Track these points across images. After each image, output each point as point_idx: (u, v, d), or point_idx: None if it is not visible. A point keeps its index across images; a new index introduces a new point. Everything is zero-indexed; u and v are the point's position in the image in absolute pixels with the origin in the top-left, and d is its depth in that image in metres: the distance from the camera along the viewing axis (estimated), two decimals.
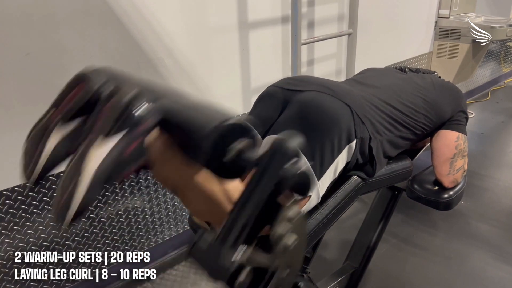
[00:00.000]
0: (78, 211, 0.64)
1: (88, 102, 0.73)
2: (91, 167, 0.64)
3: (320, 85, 1.16)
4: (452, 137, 1.35)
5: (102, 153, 0.65)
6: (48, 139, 0.75)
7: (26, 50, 1.44)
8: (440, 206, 1.37)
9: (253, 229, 0.65)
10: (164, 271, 2.03)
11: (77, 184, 0.64)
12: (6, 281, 1.59)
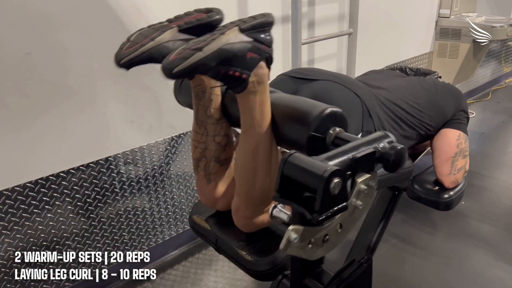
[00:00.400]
0: (194, 65, 0.70)
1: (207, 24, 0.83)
2: (226, 39, 0.73)
3: (332, 75, 1.16)
4: (453, 136, 1.36)
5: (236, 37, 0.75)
6: (162, 34, 0.82)
7: (26, 49, 1.44)
8: (440, 206, 1.37)
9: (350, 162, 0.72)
10: (164, 271, 2.03)
11: (210, 43, 0.71)
12: (6, 281, 1.59)
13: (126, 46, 0.81)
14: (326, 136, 0.81)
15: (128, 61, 0.80)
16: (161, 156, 1.92)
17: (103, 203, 1.79)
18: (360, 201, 0.74)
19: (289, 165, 0.68)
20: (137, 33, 0.83)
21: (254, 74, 0.80)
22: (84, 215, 1.74)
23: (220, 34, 0.73)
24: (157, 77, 1.87)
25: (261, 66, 0.80)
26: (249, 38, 0.76)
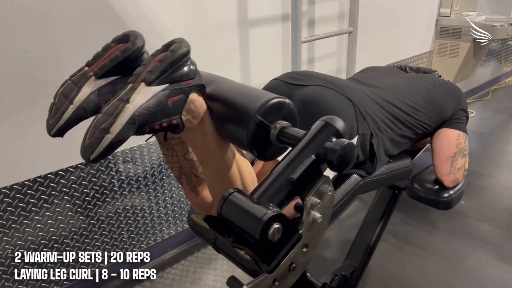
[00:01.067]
0: (108, 147, 0.65)
1: (125, 60, 0.77)
2: (133, 106, 0.66)
3: (323, 79, 1.15)
4: (453, 136, 1.35)
5: (146, 95, 0.67)
6: (79, 91, 0.77)
7: (24, 47, 1.43)
8: (440, 206, 1.36)
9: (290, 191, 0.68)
10: (163, 269, 2.02)
11: (115, 119, 0.66)
12: (5, 279, 1.58)
13: (52, 115, 0.77)
14: (270, 131, 0.74)
15: (57, 132, 0.76)
16: (160, 154, 1.92)
17: (102, 201, 1.78)
18: (318, 213, 0.68)
19: (226, 208, 0.65)
20: (59, 93, 0.79)
21: (186, 112, 0.74)
22: (83, 213, 1.74)
23: (125, 103, 0.66)
24: None
25: (191, 101, 0.74)
26: (162, 86, 0.69)
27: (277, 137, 0.73)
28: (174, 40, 0.73)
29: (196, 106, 0.76)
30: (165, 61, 0.69)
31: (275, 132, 0.73)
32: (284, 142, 0.73)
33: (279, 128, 0.73)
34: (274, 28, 2.19)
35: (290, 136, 0.72)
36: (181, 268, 2.03)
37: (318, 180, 0.68)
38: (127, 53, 0.77)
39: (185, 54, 0.71)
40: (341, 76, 2.64)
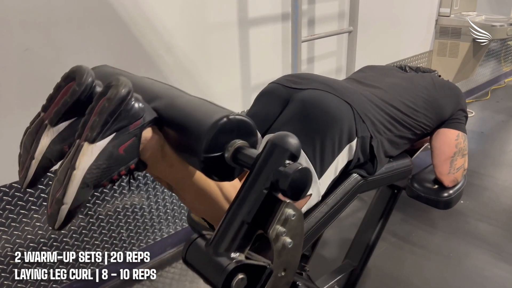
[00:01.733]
0: (68, 216, 0.63)
1: (77, 102, 0.71)
2: (81, 171, 0.63)
3: (322, 83, 1.15)
4: (452, 136, 1.35)
5: (92, 155, 0.64)
6: (38, 143, 0.73)
7: (25, 45, 1.43)
8: (440, 205, 1.36)
9: (248, 231, 0.64)
10: (162, 268, 2.02)
11: (66, 189, 0.63)
12: (4, 277, 1.58)
13: (19, 169, 0.76)
14: (224, 153, 0.67)
15: (28, 186, 0.75)
16: None
17: (101, 200, 1.78)
18: (288, 238, 0.64)
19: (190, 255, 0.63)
20: (22, 145, 0.77)
21: (143, 152, 0.70)
22: (82, 212, 1.74)
23: (72, 170, 0.63)
24: (157, 74, 1.87)
25: (145, 140, 0.69)
26: (108, 138, 0.64)
27: (232, 160, 0.67)
28: (110, 82, 0.67)
29: (151, 143, 0.71)
30: (103, 113, 0.64)
31: (229, 156, 0.67)
32: (240, 165, 0.67)
33: (232, 151, 0.67)
34: (274, 27, 2.19)
35: (245, 158, 0.66)
36: (180, 267, 2.02)
37: (278, 209, 0.63)
38: (75, 96, 0.71)
39: (123, 98, 0.64)
40: (340, 76, 2.65)
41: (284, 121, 1.09)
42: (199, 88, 1.98)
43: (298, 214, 0.65)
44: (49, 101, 0.76)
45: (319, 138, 1.02)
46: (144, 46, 1.72)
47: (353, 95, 1.13)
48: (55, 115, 0.72)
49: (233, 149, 0.67)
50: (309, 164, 1.01)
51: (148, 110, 0.70)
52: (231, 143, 0.67)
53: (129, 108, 0.66)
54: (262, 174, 0.62)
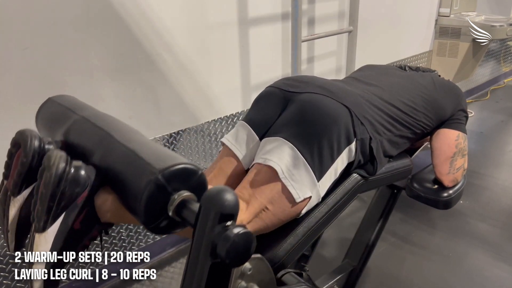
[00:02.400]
0: None
1: (30, 170, 0.70)
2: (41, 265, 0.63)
3: (319, 86, 1.15)
4: (452, 136, 1.35)
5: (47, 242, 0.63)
6: (8, 214, 0.73)
7: (24, 44, 1.43)
8: (440, 205, 1.36)
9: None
10: (162, 268, 2.02)
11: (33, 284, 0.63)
12: (4, 276, 1.58)
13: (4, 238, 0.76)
14: (168, 205, 0.61)
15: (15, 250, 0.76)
16: None
17: None
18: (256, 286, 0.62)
19: None
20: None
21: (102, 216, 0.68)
22: None
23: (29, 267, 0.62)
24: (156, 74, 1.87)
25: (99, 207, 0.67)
26: (58, 220, 0.63)
27: (177, 216, 0.61)
28: (43, 161, 0.65)
29: (108, 205, 0.68)
30: (43, 200, 0.62)
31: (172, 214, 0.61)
32: (185, 220, 0.61)
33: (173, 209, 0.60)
34: (274, 27, 2.19)
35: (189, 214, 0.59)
36: (180, 267, 2.02)
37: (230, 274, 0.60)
38: (26, 166, 0.70)
39: (60, 178, 0.62)
40: (340, 75, 2.65)
41: (281, 124, 1.10)
42: (199, 88, 1.98)
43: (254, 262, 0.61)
44: (7, 168, 0.75)
45: (317, 141, 1.03)
46: (144, 46, 1.72)
47: (351, 97, 1.13)
48: (14, 187, 0.72)
49: (174, 207, 0.60)
50: (308, 168, 1.01)
51: (92, 173, 0.66)
52: (171, 200, 0.60)
53: (68, 184, 0.63)
54: (202, 241, 0.56)
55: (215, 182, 1.16)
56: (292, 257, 1.04)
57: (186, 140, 2.00)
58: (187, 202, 0.60)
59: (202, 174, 0.63)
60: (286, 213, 1.02)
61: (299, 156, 1.01)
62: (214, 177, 1.17)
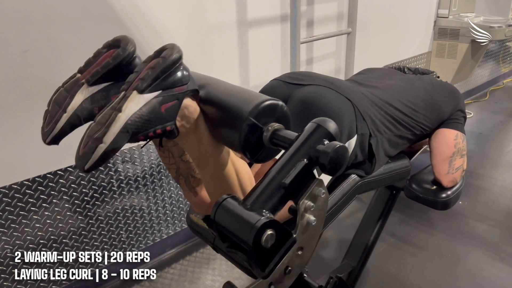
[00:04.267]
0: (102, 157, 0.65)
1: (117, 66, 0.76)
2: (126, 115, 0.66)
3: (323, 79, 1.16)
4: (451, 136, 1.36)
5: (138, 103, 0.67)
6: (72, 98, 0.76)
7: (24, 47, 1.43)
8: (438, 206, 1.37)
9: (282, 196, 0.67)
10: (162, 269, 2.02)
11: (108, 129, 0.65)
12: (4, 279, 1.58)
13: (46, 123, 0.77)
14: (263, 133, 0.73)
15: (52, 140, 0.76)
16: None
17: (101, 201, 1.79)
18: (312, 216, 0.68)
19: (220, 214, 0.66)
20: (52, 101, 0.79)
21: (180, 118, 0.74)
22: (82, 213, 1.74)
23: (117, 112, 0.66)
24: None
25: (185, 106, 0.74)
26: (155, 93, 0.68)
27: (269, 139, 0.73)
28: (165, 46, 0.72)
29: (190, 111, 0.75)
30: (156, 68, 0.68)
31: (268, 135, 0.72)
32: (276, 144, 0.73)
33: (272, 131, 0.73)
34: (273, 29, 2.20)
35: (283, 138, 0.71)
36: (179, 268, 2.03)
37: (311, 184, 0.68)
38: (118, 59, 0.76)
39: (177, 60, 0.70)
40: (339, 77, 2.65)
41: None
42: None
43: (325, 194, 0.69)
44: (87, 65, 0.80)
45: None
46: (143, 47, 1.73)
47: (354, 93, 1.14)
48: (93, 75, 0.76)
49: (273, 129, 0.73)
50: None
51: (192, 81, 0.74)
52: (271, 124, 0.73)
53: (178, 71, 0.71)
54: (303, 147, 0.68)
55: None
56: None
57: None
58: (279, 130, 0.73)
59: (285, 106, 0.76)
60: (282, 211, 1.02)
61: None
62: None
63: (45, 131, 0.77)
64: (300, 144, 0.68)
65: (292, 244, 0.66)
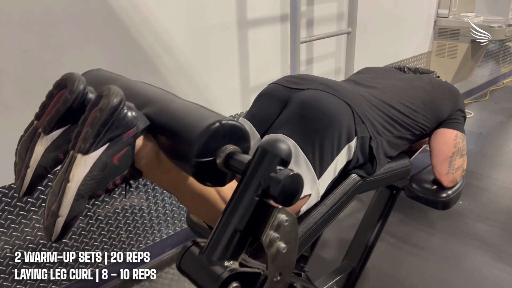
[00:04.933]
0: (64, 229, 0.63)
1: (69, 110, 0.71)
2: (75, 183, 0.63)
3: (321, 83, 1.15)
4: (450, 136, 1.36)
5: (86, 166, 0.63)
6: (33, 151, 0.73)
7: (24, 47, 1.43)
8: (438, 206, 1.37)
9: (241, 239, 0.63)
10: (162, 269, 2.02)
11: (61, 201, 0.62)
12: (4, 279, 1.58)
13: (15, 178, 0.76)
14: (216, 158, 0.66)
15: (25, 194, 0.75)
16: None
17: (101, 201, 1.78)
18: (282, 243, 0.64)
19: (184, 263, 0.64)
20: (17, 153, 0.77)
21: (138, 161, 0.70)
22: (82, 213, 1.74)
23: (66, 182, 0.63)
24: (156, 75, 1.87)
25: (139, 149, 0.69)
26: (102, 148, 0.64)
27: (224, 165, 0.66)
28: (102, 91, 0.66)
29: (146, 152, 0.71)
30: (95, 123, 0.63)
31: (221, 161, 0.66)
32: (232, 170, 0.66)
33: (224, 157, 0.66)
34: (273, 29, 2.20)
35: (238, 164, 0.65)
36: None
37: (271, 215, 0.62)
38: (67, 104, 0.71)
39: (116, 107, 0.64)
40: (339, 77, 2.65)
41: (283, 121, 1.10)
42: (198, 89, 1.98)
43: (291, 219, 0.64)
44: (42, 109, 0.75)
45: (318, 138, 1.03)
46: (143, 48, 1.73)
47: (353, 96, 1.14)
48: (48, 124, 0.72)
49: (225, 154, 0.66)
50: (308, 165, 1.01)
51: (141, 117, 0.69)
52: (223, 149, 0.66)
53: (121, 117, 0.65)
54: (253, 181, 0.62)
55: None
56: None
57: None
58: (234, 154, 0.66)
59: (246, 130, 0.70)
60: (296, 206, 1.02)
61: (300, 153, 1.01)
62: None
63: (16, 185, 0.76)
64: (248, 177, 0.62)
65: (264, 281, 0.63)
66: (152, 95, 0.80)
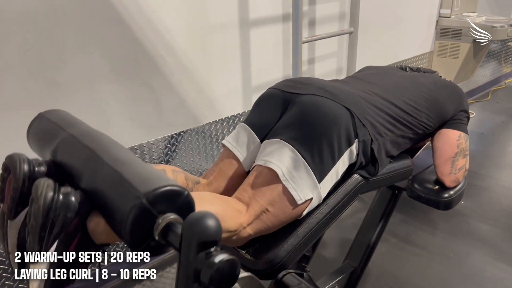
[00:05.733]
0: None
1: (22, 195, 0.70)
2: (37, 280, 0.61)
3: (320, 88, 1.15)
4: (454, 136, 1.35)
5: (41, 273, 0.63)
6: (7, 237, 0.73)
7: (25, 46, 1.43)
8: (441, 206, 1.36)
9: None
10: (163, 269, 2.02)
11: None
12: (5, 277, 1.58)
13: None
14: (153, 229, 0.59)
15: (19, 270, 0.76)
16: (160, 154, 1.92)
17: None
18: None
19: None
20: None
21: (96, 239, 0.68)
22: None
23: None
24: (157, 75, 1.87)
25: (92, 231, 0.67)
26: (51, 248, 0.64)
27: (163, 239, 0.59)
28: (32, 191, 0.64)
29: (101, 228, 0.68)
30: (34, 232, 0.62)
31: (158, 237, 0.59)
32: (171, 245, 0.59)
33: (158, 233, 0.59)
34: (275, 28, 2.19)
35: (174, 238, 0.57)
36: None
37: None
38: (18, 192, 0.69)
39: (48, 208, 0.61)
40: (341, 77, 2.65)
41: (282, 126, 1.10)
42: (200, 89, 1.98)
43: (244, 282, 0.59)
44: (1, 192, 0.75)
45: (317, 143, 1.03)
46: (145, 47, 1.73)
47: (352, 99, 1.13)
48: (9, 211, 0.72)
49: (159, 231, 0.58)
50: (308, 169, 1.01)
51: (82, 201, 0.65)
52: (156, 224, 0.59)
53: (58, 214, 0.62)
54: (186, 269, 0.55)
55: (216, 184, 1.16)
56: (293, 258, 1.04)
57: (187, 142, 2.00)
58: (172, 225, 0.58)
59: (188, 195, 0.60)
60: (287, 215, 1.02)
61: (300, 158, 1.01)
62: (214, 179, 1.17)
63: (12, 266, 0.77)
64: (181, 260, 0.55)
65: None
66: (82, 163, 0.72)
